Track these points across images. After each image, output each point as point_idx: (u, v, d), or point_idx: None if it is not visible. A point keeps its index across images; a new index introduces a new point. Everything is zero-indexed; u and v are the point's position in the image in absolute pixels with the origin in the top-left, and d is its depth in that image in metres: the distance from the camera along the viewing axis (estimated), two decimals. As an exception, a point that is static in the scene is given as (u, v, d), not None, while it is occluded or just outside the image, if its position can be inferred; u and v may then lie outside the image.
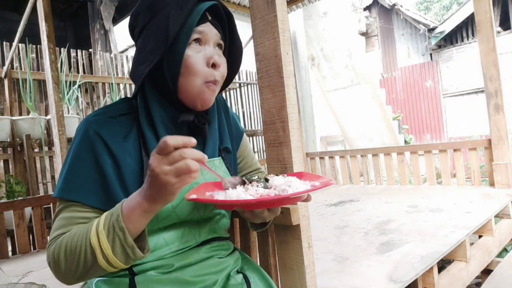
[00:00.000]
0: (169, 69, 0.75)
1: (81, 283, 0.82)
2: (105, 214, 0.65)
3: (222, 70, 0.79)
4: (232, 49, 0.85)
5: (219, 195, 0.66)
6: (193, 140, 0.57)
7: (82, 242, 0.63)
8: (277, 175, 0.75)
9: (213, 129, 0.84)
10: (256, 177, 0.74)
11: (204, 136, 0.81)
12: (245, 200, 0.63)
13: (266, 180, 0.71)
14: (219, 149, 0.88)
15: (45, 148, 3.36)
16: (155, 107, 0.77)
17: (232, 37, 0.83)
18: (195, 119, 0.78)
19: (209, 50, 0.76)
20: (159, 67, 0.76)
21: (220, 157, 0.87)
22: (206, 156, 0.59)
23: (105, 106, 0.80)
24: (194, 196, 0.65)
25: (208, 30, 0.76)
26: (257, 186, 0.69)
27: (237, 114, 5.86)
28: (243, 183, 0.72)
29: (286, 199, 0.64)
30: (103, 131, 0.73)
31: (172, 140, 0.55)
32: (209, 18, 0.77)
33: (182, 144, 0.56)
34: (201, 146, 0.83)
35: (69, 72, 3.96)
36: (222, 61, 0.78)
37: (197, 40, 0.76)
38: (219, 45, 0.80)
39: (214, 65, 0.76)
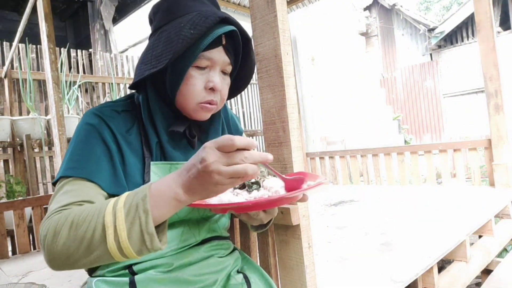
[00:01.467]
0: (170, 80, 0.76)
1: (82, 283, 0.82)
2: (126, 193, 0.58)
3: (223, 93, 0.80)
4: (242, 70, 0.85)
5: (212, 199, 0.66)
6: (255, 143, 0.55)
7: (93, 219, 0.56)
8: (274, 175, 0.75)
9: (215, 130, 0.86)
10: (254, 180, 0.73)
11: (192, 147, 0.82)
12: (236, 204, 0.61)
13: (257, 183, 0.71)
14: None
15: (45, 148, 3.36)
16: (155, 107, 0.78)
17: (246, 60, 0.83)
18: (187, 130, 0.80)
19: (212, 75, 0.76)
20: (164, 71, 0.76)
21: None
22: (270, 157, 0.56)
23: (107, 102, 0.81)
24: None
25: (218, 57, 0.76)
26: (250, 188, 0.69)
27: (237, 114, 5.86)
28: (243, 185, 0.72)
29: (279, 201, 0.62)
30: (109, 121, 0.74)
31: (239, 141, 0.52)
32: (223, 42, 0.76)
33: (246, 146, 0.53)
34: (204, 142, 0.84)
35: (69, 72, 3.96)
36: (224, 86, 0.79)
37: (205, 67, 0.76)
38: (225, 70, 0.79)
39: (213, 89, 0.76)
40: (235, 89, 0.89)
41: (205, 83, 0.76)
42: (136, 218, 0.54)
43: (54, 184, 0.70)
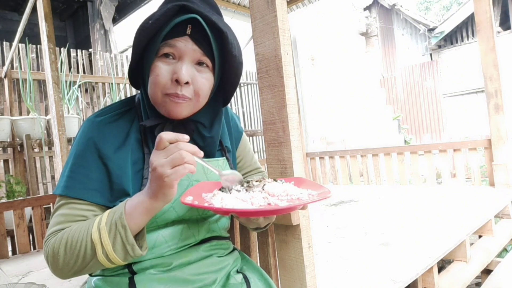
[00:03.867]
0: (145, 75, 0.77)
1: (82, 283, 0.82)
2: (107, 211, 0.68)
3: (197, 87, 0.75)
4: (225, 67, 0.79)
5: (216, 201, 0.66)
6: (186, 137, 0.62)
7: (83, 237, 0.66)
8: (275, 180, 0.75)
9: (216, 135, 0.84)
10: (256, 182, 0.74)
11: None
12: (241, 210, 0.63)
13: (248, 185, 0.71)
14: (223, 149, 0.89)
15: (45, 148, 3.36)
16: (144, 103, 0.80)
17: (223, 53, 0.77)
18: (156, 126, 0.77)
19: (179, 66, 0.72)
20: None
21: (224, 157, 0.89)
22: (201, 152, 0.63)
23: (109, 106, 0.82)
24: (189, 200, 0.65)
25: (184, 46, 0.73)
26: (253, 191, 0.70)
27: (237, 114, 5.86)
28: (241, 182, 0.72)
29: (283, 210, 0.65)
30: (107, 131, 0.75)
31: (166, 134, 0.61)
32: (188, 32, 0.73)
33: (175, 139, 0.62)
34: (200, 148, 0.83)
35: (69, 72, 3.95)
36: (199, 79, 0.75)
37: (169, 54, 0.73)
38: (200, 62, 0.75)
39: (178, 81, 0.72)
40: (224, 94, 0.85)
41: (171, 74, 0.73)
42: (117, 233, 0.64)
43: (56, 194, 0.75)
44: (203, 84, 0.76)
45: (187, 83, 0.73)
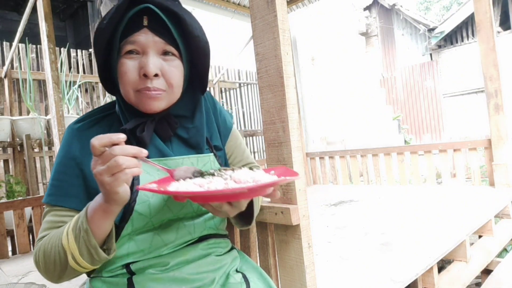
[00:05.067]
0: (115, 76, 0.76)
1: (81, 283, 0.83)
2: (75, 217, 0.68)
3: (168, 77, 0.73)
4: (192, 50, 0.77)
5: (172, 187, 0.63)
6: (121, 136, 0.58)
7: (56, 244, 0.67)
8: (251, 168, 0.72)
9: (200, 124, 0.83)
10: (226, 170, 0.70)
11: (144, 142, 0.76)
12: (186, 192, 0.59)
13: (212, 174, 0.67)
14: (210, 146, 0.87)
15: (45, 148, 3.36)
16: (121, 107, 0.78)
17: (187, 38, 0.75)
18: (135, 128, 0.75)
19: (144, 60, 0.71)
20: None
21: (212, 153, 0.87)
22: (144, 151, 0.59)
23: (91, 111, 0.82)
24: (149, 186, 0.62)
25: (145, 39, 0.71)
26: (213, 177, 0.65)
27: (237, 114, 5.86)
28: (201, 173, 0.69)
29: (238, 193, 0.59)
30: (84, 137, 0.75)
31: (97, 140, 0.57)
32: (145, 24, 0.71)
33: (109, 142, 0.57)
34: (185, 141, 0.83)
35: (69, 72, 3.96)
36: (168, 69, 0.73)
37: (132, 51, 0.72)
38: (165, 52, 0.73)
39: (146, 75, 0.71)
40: (200, 81, 0.83)
41: (137, 69, 0.72)
42: (81, 238, 0.64)
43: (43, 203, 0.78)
44: (173, 73, 0.74)
45: (156, 75, 0.71)
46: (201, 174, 0.69)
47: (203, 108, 0.85)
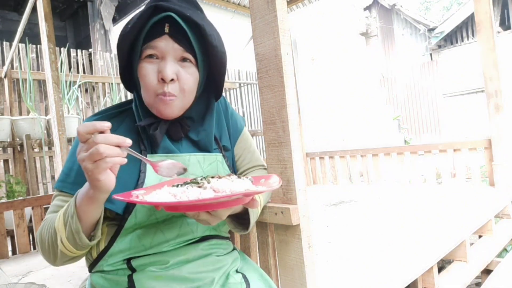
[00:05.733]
0: (135, 77, 0.80)
1: (82, 281, 0.83)
2: (70, 200, 0.70)
3: (183, 83, 0.77)
4: (209, 58, 0.81)
5: (150, 196, 0.64)
6: (105, 124, 0.58)
7: (50, 225, 0.70)
8: (239, 177, 0.72)
9: (209, 127, 0.86)
10: (200, 179, 0.70)
11: (155, 141, 0.79)
12: (159, 203, 0.60)
13: (195, 182, 0.67)
14: (219, 147, 0.90)
15: (45, 148, 3.36)
16: (138, 106, 0.82)
17: (205, 46, 0.79)
18: (149, 126, 0.79)
19: (162, 65, 0.75)
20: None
21: (221, 154, 0.89)
22: (127, 140, 0.60)
23: (108, 106, 0.87)
24: (123, 196, 0.63)
25: (165, 46, 0.75)
26: (191, 186, 0.66)
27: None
28: (185, 170, 0.70)
29: (207, 204, 0.61)
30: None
31: (83, 127, 0.59)
32: (166, 31, 0.75)
33: (93, 130, 0.58)
34: (194, 142, 0.85)
35: (69, 72, 3.96)
36: (184, 75, 0.77)
37: (152, 55, 0.76)
38: (183, 59, 0.77)
39: (164, 80, 0.75)
40: (215, 87, 0.86)
41: (156, 74, 0.76)
42: (68, 221, 0.66)
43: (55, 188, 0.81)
44: (188, 79, 0.78)
45: (172, 80, 0.75)
46: (185, 170, 0.69)
47: (214, 112, 0.88)
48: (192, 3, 0.82)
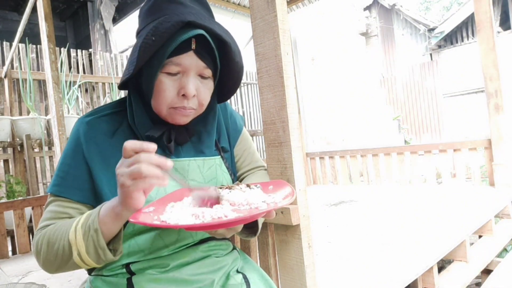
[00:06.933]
0: (145, 86, 0.77)
1: (81, 283, 0.83)
2: (87, 213, 0.69)
3: (201, 98, 0.77)
4: (225, 73, 0.82)
5: (166, 215, 0.63)
6: (151, 146, 0.58)
7: (63, 236, 0.67)
8: (248, 186, 0.72)
9: (208, 134, 0.86)
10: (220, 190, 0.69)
11: (169, 152, 0.80)
12: (181, 226, 0.59)
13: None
14: (218, 149, 0.89)
15: (45, 148, 3.36)
16: (136, 111, 0.79)
17: (226, 63, 0.79)
18: (163, 135, 0.78)
19: (185, 81, 0.74)
20: (141, 76, 0.77)
21: (219, 156, 0.88)
22: (169, 163, 0.59)
23: (99, 107, 0.83)
24: (141, 217, 0.61)
25: (189, 62, 0.73)
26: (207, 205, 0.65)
27: (237, 114, 5.86)
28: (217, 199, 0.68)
29: (230, 223, 0.60)
30: (93, 131, 0.77)
31: (130, 144, 0.58)
32: (193, 47, 0.73)
33: (140, 149, 0.58)
34: (195, 144, 0.85)
35: (69, 72, 3.95)
36: (203, 90, 0.77)
37: (175, 72, 0.74)
38: (204, 74, 0.77)
39: (185, 96, 0.74)
40: (223, 93, 0.87)
41: (177, 89, 0.74)
42: (90, 237, 0.65)
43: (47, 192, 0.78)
44: (206, 94, 0.78)
45: (193, 95, 0.75)
46: (217, 199, 0.67)
47: (217, 114, 0.88)
48: (207, 8, 0.81)
